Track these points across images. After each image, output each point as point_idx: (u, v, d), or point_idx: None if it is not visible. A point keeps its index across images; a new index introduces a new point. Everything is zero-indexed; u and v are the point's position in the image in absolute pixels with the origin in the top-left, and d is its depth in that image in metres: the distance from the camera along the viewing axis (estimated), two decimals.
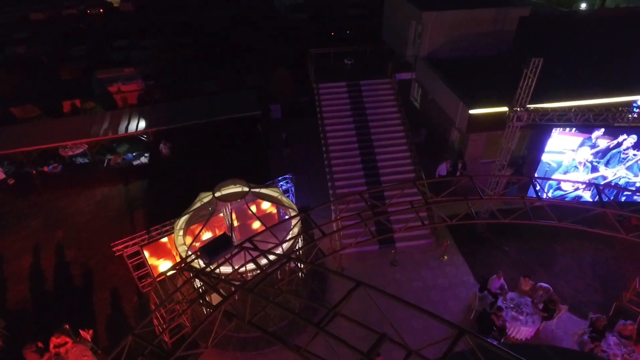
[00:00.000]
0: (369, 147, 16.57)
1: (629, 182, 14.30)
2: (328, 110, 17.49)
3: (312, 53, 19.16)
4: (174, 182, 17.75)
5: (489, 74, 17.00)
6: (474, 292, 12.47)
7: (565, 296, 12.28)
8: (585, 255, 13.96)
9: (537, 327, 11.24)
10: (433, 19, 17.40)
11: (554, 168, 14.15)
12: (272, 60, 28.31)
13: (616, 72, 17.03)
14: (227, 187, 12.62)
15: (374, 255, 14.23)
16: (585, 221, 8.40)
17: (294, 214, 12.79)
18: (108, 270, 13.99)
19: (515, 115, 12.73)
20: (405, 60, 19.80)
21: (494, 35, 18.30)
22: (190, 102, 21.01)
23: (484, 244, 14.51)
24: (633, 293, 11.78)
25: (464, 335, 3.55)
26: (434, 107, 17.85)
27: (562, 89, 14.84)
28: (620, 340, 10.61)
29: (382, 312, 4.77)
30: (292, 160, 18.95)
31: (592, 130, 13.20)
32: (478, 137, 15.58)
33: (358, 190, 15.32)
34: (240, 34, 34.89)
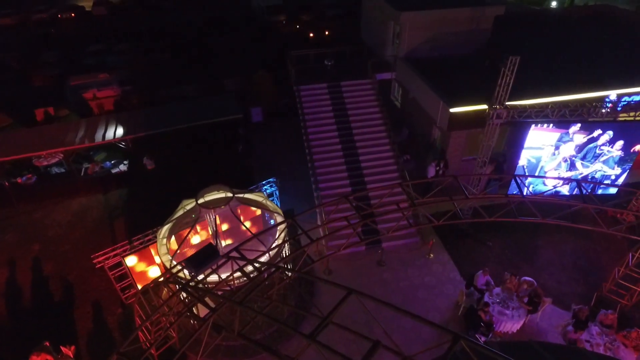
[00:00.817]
0: (352, 147, 16.58)
1: (604, 174, 14.72)
2: (310, 112, 17.43)
3: (292, 55, 19.06)
4: (155, 190, 17.37)
5: (467, 73, 17.24)
6: (461, 288, 12.62)
7: (549, 289, 12.54)
8: (566, 248, 14.29)
9: (523, 320, 11.45)
10: (411, 19, 17.55)
11: (534, 164, 14.44)
12: (251, 62, 28.06)
13: (588, 68, 17.53)
14: (210, 193, 12.40)
15: (361, 255, 14.24)
16: (567, 216, 8.58)
17: (280, 218, 12.70)
18: (89, 283, 13.58)
19: (494, 113, 12.95)
20: (385, 60, 19.91)
21: (471, 34, 18.59)
22: (169, 108, 20.61)
23: (468, 241, 14.70)
24: (612, 283, 12.13)
25: (459, 340, 3.55)
26: (414, 106, 18.00)
27: (538, 86, 15.18)
28: (602, 330, 10.90)
29: (372, 317, 4.73)
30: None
31: (568, 125, 13.52)
32: (459, 135, 15.79)
33: (342, 192, 15.45)
34: (218, 37, 34.46)
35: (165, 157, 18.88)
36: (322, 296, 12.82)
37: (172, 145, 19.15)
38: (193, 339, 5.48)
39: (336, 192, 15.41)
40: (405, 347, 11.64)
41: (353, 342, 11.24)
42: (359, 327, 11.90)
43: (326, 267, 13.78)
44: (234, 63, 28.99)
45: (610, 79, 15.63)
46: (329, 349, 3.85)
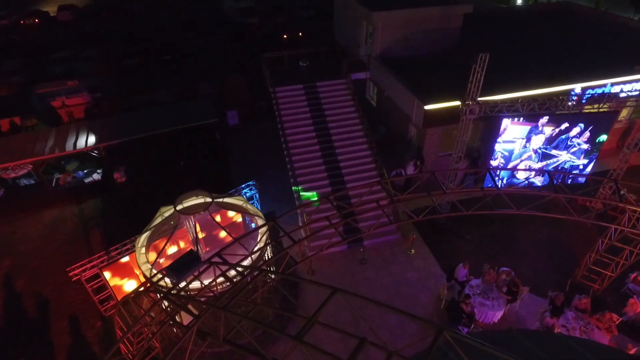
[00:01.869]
0: (330, 147, 16.65)
1: (573, 164, 15.29)
2: (286, 113, 17.41)
3: (266, 57, 18.99)
4: (132, 198, 16.98)
5: (440, 70, 17.61)
6: (442, 282, 12.87)
7: (526, 278, 12.92)
8: (540, 238, 14.77)
9: (503, 310, 11.76)
10: (383, 18, 17.76)
11: (507, 157, 14.87)
12: (225, 66, 27.80)
13: (554, 63, 18.15)
14: (189, 199, 12.22)
15: (344, 254, 14.31)
16: (540, 206, 8.88)
17: (261, 221, 12.63)
18: (66, 297, 13.14)
19: (467, 109, 13.25)
20: (359, 60, 20.09)
21: (442, 32, 18.96)
22: (142, 114, 20.18)
23: (448, 235, 14.98)
24: (585, 269, 12.62)
25: (442, 332, 3.63)
26: (390, 104, 18.23)
27: (508, 81, 15.61)
28: (577, 314, 11.32)
29: (358, 315, 4.77)
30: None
31: (538, 119, 13.98)
32: (434, 131, 16.08)
33: (322, 192, 15.50)
34: (190, 41, 33.98)
35: (141, 164, 18.47)
36: (307, 296, 12.83)
37: (147, 152, 18.76)
38: (177, 347, 5.39)
39: (317, 193, 15.44)
40: (390, 343, 11.77)
41: (340, 340, 11.35)
42: (345, 326, 11.99)
43: (309, 268, 13.78)
44: (208, 67, 28.67)
45: (574, 73, 16.24)
46: (316, 348, 3.86)
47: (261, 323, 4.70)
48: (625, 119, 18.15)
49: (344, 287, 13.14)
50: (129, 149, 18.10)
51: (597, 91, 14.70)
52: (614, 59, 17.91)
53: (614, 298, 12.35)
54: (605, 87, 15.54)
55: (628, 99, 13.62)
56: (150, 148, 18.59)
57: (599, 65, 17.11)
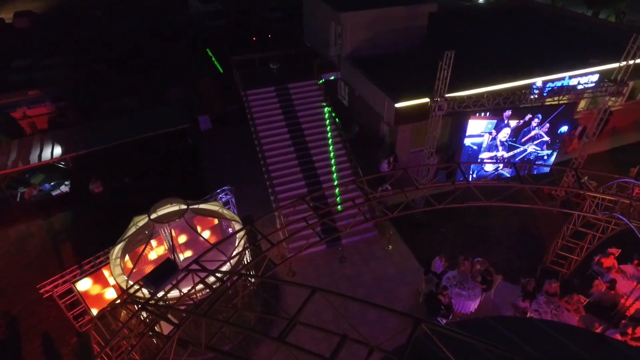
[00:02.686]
0: (305, 149, 16.72)
1: (538, 155, 15.95)
2: (259, 116, 17.35)
3: (235, 60, 18.87)
4: (103, 209, 16.50)
5: (409, 68, 17.97)
6: (420, 275, 13.16)
7: (499, 266, 13.37)
8: (511, 227, 15.32)
9: (479, 299, 12.15)
10: (350, 19, 17.97)
11: (476, 150, 15.36)
12: (195, 70, 27.39)
13: (516, 58, 18.84)
14: (163, 207, 12.00)
15: (323, 254, 14.42)
16: (508, 197, 9.25)
17: (238, 226, 12.56)
18: (37, 315, 12.66)
19: (436, 105, 13.61)
20: (330, 60, 20.25)
21: (408, 31, 19.36)
22: (111, 122, 19.63)
23: (423, 229, 15.33)
24: (553, 254, 13.20)
25: (420, 324, 3.76)
26: (361, 103, 18.47)
27: (474, 77, 16.09)
28: (547, 298, 11.82)
29: (339, 313, 4.86)
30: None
31: (503, 112, 14.51)
32: (406, 128, 16.43)
33: (299, 193, 15.54)
34: (157, 45, 33.29)
35: (111, 173, 17.97)
36: (288, 298, 12.86)
37: (117, 161, 18.27)
38: (158, 358, 5.32)
39: (293, 194, 15.48)
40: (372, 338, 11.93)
41: (322, 339, 11.42)
42: (327, 324, 12.11)
43: (289, 269, 13.81)
44: (177, 71, 28.19)
45: (535, 68, 16.92)
46: (299, 348, 3.93)
47: (243, 327, 4.71)
48: (583, 109, 19.07)
49: (325, 286, 13.25)
50: (98, 159, 17.58)
51: (557, 84, 15.38)
52: (570, 53, 18.77)
53: (580, 280, 12.97)
54: (563, 80, 16.27)
55: (585, 91, 14.33)
56: (119, 156, 18.11)
57: (558, 59, 17.90)
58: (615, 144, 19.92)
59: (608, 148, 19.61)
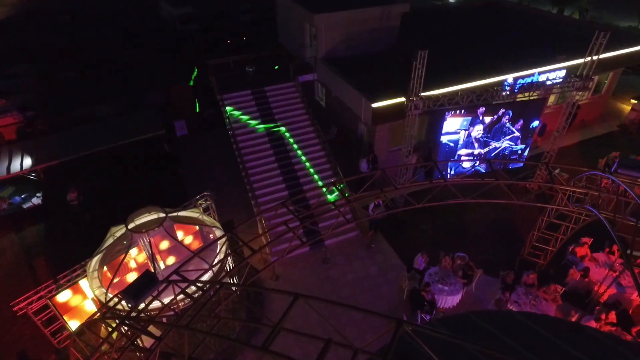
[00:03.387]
0: (284, 152, 16.67)
1: (512, 149, 16.37)
2: (237, 120, 17.20)
3: (210, 64, 18.65)
4: (78, 221, 16.02)
5: (384, 68, 18.16)
6: (403, 273, 13.31)
7: (479, 260, 13.65)
8: (489, 222, 15.67)
9: (460, 293, 12.39)
10: (325, 20, 18.02)
11: (453, 147, 15.65)
12: (170, 75, 26.90)
13: (487, 56, 19.28)
14: (141, 217, 11.77)
15: (306, 256, 14.40)
16: (485, 193, 9.48)
17: (219, 232, 12.42)
18: (12, 333, 12.18)
19: (412, 104, 13.80)
20: (306, 62, 20.26)
21: (382, 31, 19.56)
22: (83, 130, 19.03)
23: (404, 227, 15.51)
24: (529, 246, 13.58)
25: (402, 325, 3.80)
26: (339, 104, 18.55)
27: (447, 76, 16.38)
28: (526, 289, 12.15)
29: (322, 317, 4.87)
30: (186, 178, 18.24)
31: (477, 109, 14.83)
32: (383, 128, 16.59)
33: (280, 196, 15.49)
34: (130, 50, 32.56)
35: (86, 183, 17.47)
36: (272, 303, 12.79)
37: (91, 171, 17.78)
38: None
39: (274, 198, 15.42)
40: (357, 338, 11.99)
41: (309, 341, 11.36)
42: (313, 326, 12.08)
43: (273, 273, 13.74)
44: (151, 76, 27.61)
45: (506, 65, 17.35)
46: (283, 356, 3.92)
47: (226, 338, 4.67)
48: (552, 104, 19.69)
49: (309, 288, 13.31)
50: (71, 169, 17.06)
51: (527, 80, 15.80)
52: (538, 50, 19.35)
53: (556, 270, 13.37)
54: (533, 77, 16.73)
55: (553, 87, 14.80)
56: (94, 166, 17.63)
57: (527, 56, 18.41)
58: (584, 136, 20.66)
59: (577, 141, 20.32)
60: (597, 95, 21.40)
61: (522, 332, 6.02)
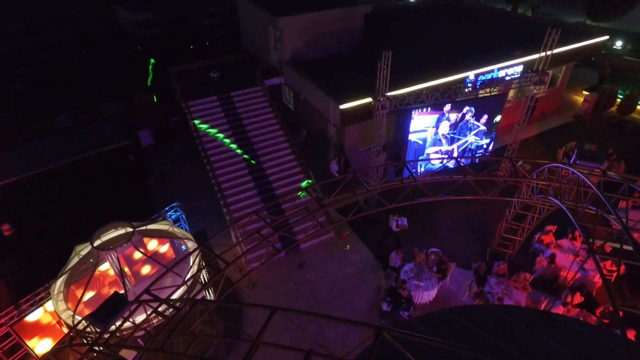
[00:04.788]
0: (254, 157, 16.46)
1: (478, 144, 16.85)
2: (204, 127, 16.83)
3: (173, 71, 18.18)
4: (39, 241, 15.20)
5: (350, 69, 18.27)
6: (379, 272, 13.43)
7: (452, 254, 13.97)
8: (459, 216, 16.05)
9: (436, 288, 12.62)
10: (289, 23, 17.95)
11: (422, 145, 15.92)
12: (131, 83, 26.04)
13: (449, 54, 19.75)
14: (107, 233, 11.31)
15: (282, 261, 14.27)
16: (454, 190, 9.68)
17: (191, 243, 12.10)
18: None
19: (379, 104, 13.94)
20: (272, 65, 20.10)
21: (346, 33, 19.69)
22: (38, 145, 18.12)
23: (378, 226, 15.62)
24: (498, 237, 14.02)
25: (381, 332, 3.79)
26: (307, 107, 18.51)
27: (412, 75, 16.66)
28: (497, 279, 12.53)
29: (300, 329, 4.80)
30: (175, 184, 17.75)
31: (442, 106, 15.16)
32: (352, 129, 16.68)
33: (252, 202, 15.29)
34: (86, 58, 31.29)
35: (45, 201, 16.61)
36: (250, 312, 12.57)
37: (51, 188, 16.91)
38: None
39: (246, 204, 15.20)
40: (338, 341, 11.90)
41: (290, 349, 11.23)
42: (292, 333, 11.91)
43: (249, 281, 13.53)
44: (111, 85, 26.65)
45: (467, 62, 17.85)
46: None
47: (201, 359, 4.52)
48: (513, 98, 20.43)
49: (287, 293, 13.19)
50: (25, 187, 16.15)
51: (487, 77, 16.32)
52: (497, 46, 20.01)
53: (525, 259, 13.88)
54: (493, 73, 17.29)
55: (512, 82, 15.35)
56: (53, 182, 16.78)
57: (486, 53, 18.99)
58: (543, 128, 21.57)
59: (537, 132, 21.18)
60: (553, 88, 22.40)
61: (498, 325, 6.19)
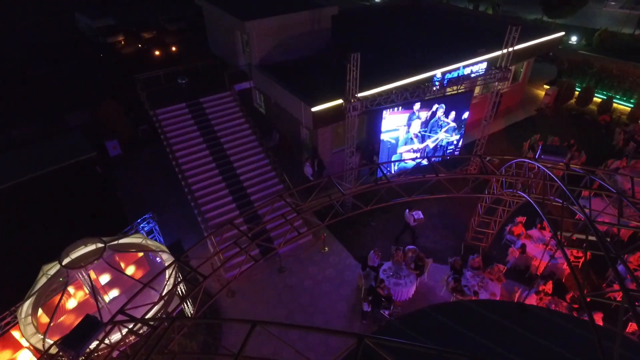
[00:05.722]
0: (227, 163, 16.24)
1: (449, 141, 17.24)
2: (173, 135, 16.47)
3: (139, 78, 17.69)
4: (3, 263, 14.44)
5: (319, 71, 18.29)
6: (358, 272, 13.52)
7: (428, 250, 14.25)
8: (434, 212, 16.35)
9: (415, 284, 12.82)
10: (256, 27, 17.79)
11: (394, 144, 16.14)
12: (95, 91, 25.17)
13: (416, 53, 20.11)
14: (76, 250, 10.89)
15: (261, 268, 14.14)
16: (428, 189, 9.86)
17: (166, 256, 11.82)
18: None
19: (350, 106, 14.04)
20: (241, 69, 19.88)
21: (314, 35, 19.71)
22: None
23: (355, 226, 15.74)
24: (472, 232, 14.39)
25: (363, 341, 3.81)
26: (279, 110, 18.42)
27: (381, 75, 16.84)
28: (473, 272, 12.86)
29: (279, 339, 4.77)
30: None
31: (412, 105, 15.42)
32: (325, 130, 16.71)
33: (227, 209, 15.10)
34: (46, 67, 30.02)
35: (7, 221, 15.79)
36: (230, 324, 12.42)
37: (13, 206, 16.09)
38: None
39: (221, 212, 15.00)
40: (321, 344, 11.88)
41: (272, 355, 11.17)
42: (275, 342, 11.81)
43: (228, 290, 13.34)
44: (74, 95, 25.65)
45: (433, 61, 18.21)
46: None
47: None
48: (479, 94, 21.02)
49: (268, 300, 13.09)
50: None
51: (454, 75, 16.72)
52: (461, 45, 20.52)
53: (498, 251, 14.31)
54: (459, 71, 17.74)
55: (477, 79, 15.79)
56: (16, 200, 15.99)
57: (451, 51, 19.44)
58: (508, 122, 22.31)
59: (504, 127, 21.89)
60: (516, 84, 23.19)
61: (475, 319, 6.35)
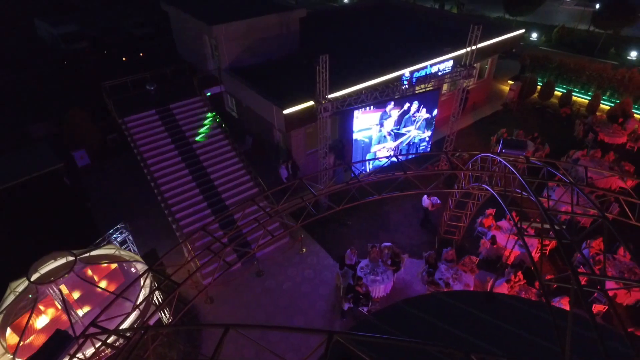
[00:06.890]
0: (201, 169, 16.08)
1: (421, 138, 17.63)
2: (143, 143, 16.18)
3: (106, 86, 17.30)
4: None
5: (290, 73, 18.37)
6: (336, 271, 13.66)
7: (403, 246, 14.55)
8: (407, 208, 16.69)
9: (392, 280, 13.07)
10: (224, 31, 17.69)
11: (368, 143, 16.37)
12: (59, 101, 24.33)
13: (384, 53, 20.48)
14: (45, 265, 10.61)
15: (239, 272, 14.09)
16: (398, 186, 10.10)
17: (141, 265, 11.64)
18: None
19: (321, 107, 14.17)
20: (211, 74, 19.72)
21: (283, 37, 19.78)
22: None
23: (331, 226, 15.89)
24: (445, 225, 14.79)
25: (334, 337, 3.92)
26: (251, 113, 18.38)
27: (350, 76, 17.08)
28: (447, 265, 13.22)
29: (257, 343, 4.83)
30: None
31: (384, 105, 15.70)
32: (298, 132, 16.80)
33: (202, 215, 14.95)
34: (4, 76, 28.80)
35: None
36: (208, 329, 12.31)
37: None
38: None
39: (196, 218, 14.83)
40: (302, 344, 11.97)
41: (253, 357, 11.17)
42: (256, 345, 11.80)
43: (206, 296, 13.22)
44: (38, 105, 24.73)
45: (401, 60, 18.61)
46: None
47: None
48: (447, 91, 21.60)
49: (246, 304, 13.06)
50: None
51: (422, 73, 17.12)
52: (428, 44, 21.04)
53: (470, 243, 14.76)
54: (426, 69, 18.19)
55: (444, 77, 16.23)
56: None
57: (419, 50, 19.92)
58: (476, 117, 23.01)
59: (471, 122, 22.56)
60: (482, 80, 23.94)
61: (447, 311, 6.58)
